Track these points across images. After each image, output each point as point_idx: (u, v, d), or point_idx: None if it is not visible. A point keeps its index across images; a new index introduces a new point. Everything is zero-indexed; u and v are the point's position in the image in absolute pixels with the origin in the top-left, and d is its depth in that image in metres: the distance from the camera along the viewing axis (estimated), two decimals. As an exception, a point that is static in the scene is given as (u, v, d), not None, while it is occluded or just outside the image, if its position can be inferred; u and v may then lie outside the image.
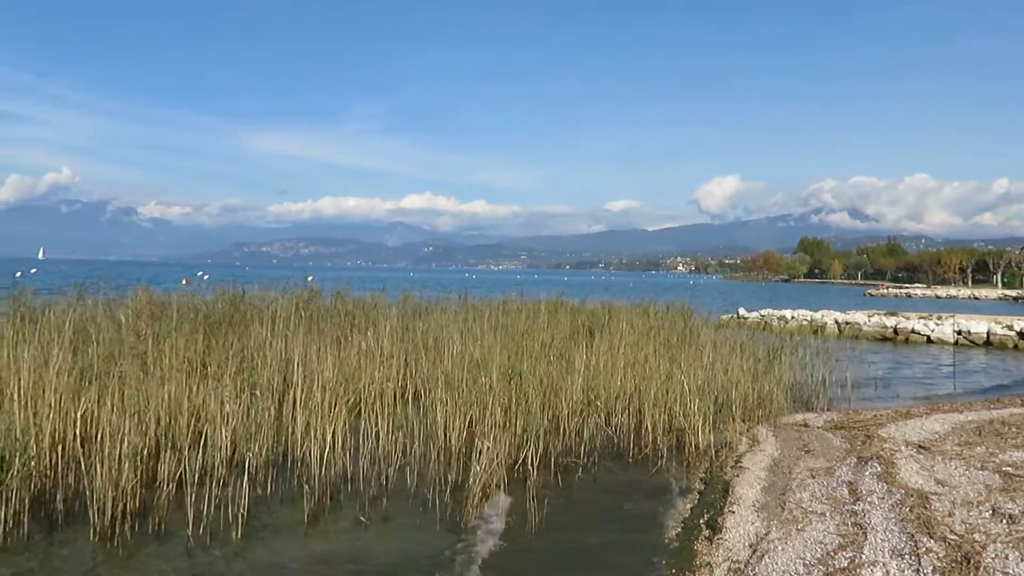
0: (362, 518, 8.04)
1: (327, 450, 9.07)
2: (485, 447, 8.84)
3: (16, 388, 9.04)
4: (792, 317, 36.09)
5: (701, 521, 8.16)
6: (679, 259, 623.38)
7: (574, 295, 26.15)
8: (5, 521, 7.10)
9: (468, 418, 10.48)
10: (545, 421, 10.18)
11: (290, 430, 9.94)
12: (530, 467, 9.42)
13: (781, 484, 9.21)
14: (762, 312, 37.98)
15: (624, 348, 14.30)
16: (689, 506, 8.80)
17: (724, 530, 7.69)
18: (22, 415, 8.34)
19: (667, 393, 12.00)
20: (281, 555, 7.11)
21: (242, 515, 7.59)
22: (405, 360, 13.59)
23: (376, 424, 10.04)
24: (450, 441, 10.13)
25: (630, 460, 10.74)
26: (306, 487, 8.31)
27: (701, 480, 9.89)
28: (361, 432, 9.97)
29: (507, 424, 10.18)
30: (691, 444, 11.09)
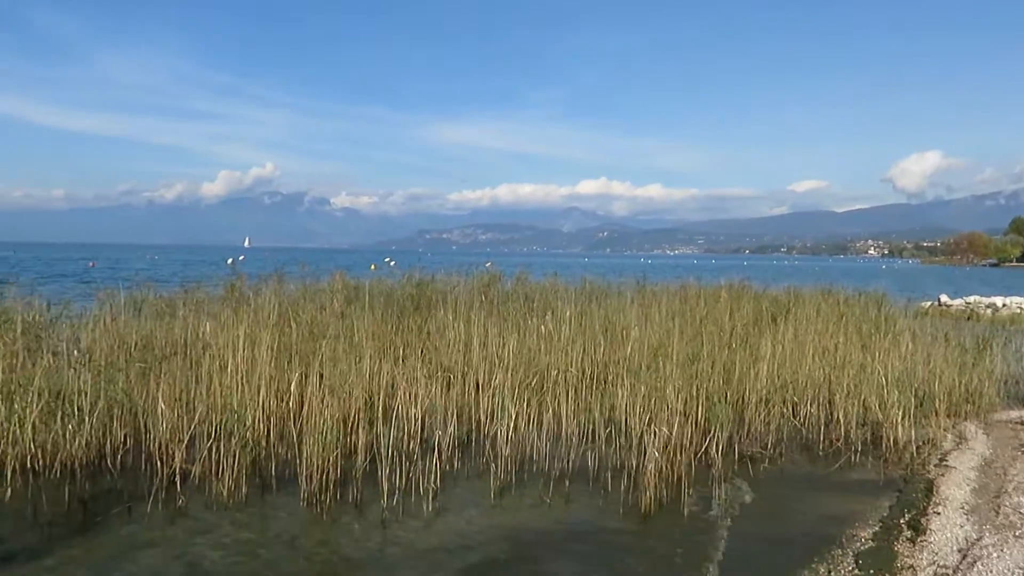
0: (545, 497, 8.21)
1: (511, 430, 9.31)
2: (666, 433, 8.75)
3: (233, 365, 9.98)
4: (1003, 305, 32.82)
5: (901, 521, 7.65)
6: (870, 242, 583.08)
7: (755, 280, 25.20)
8: (227, 484, 7.86)
9: (648, 404, 10.39)
10: (728, 409, 9.92)
11: (475, 410, 10.29)
12: (713, 456, 9.22)
13: (994, 486, 8.46)
14: (968, 299, 34.75)
15: (812, 336, 13.63)
16: (887, 504, 8.27)
17: (928, 532, 7.17)
18: (239, 389, 9.19)
19: (861, 384, 11.31)
20: (469, 529, 7.40)
21: (433, 489, 7.96)
22: (583, 345, 13.66)
23: (557, 407, 10.19)
24: (630, 426, 10.09)
25: (820, 453, 10.25)
26: (492, 465, 8.60)
27: (900, 477, 9.26)
28: (543, 414, 10.15)
29: (688, 411, 10.01)
30: (888, 439, 10.39)
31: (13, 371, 9.05)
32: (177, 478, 7.94)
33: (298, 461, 8.09)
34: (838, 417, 11.02)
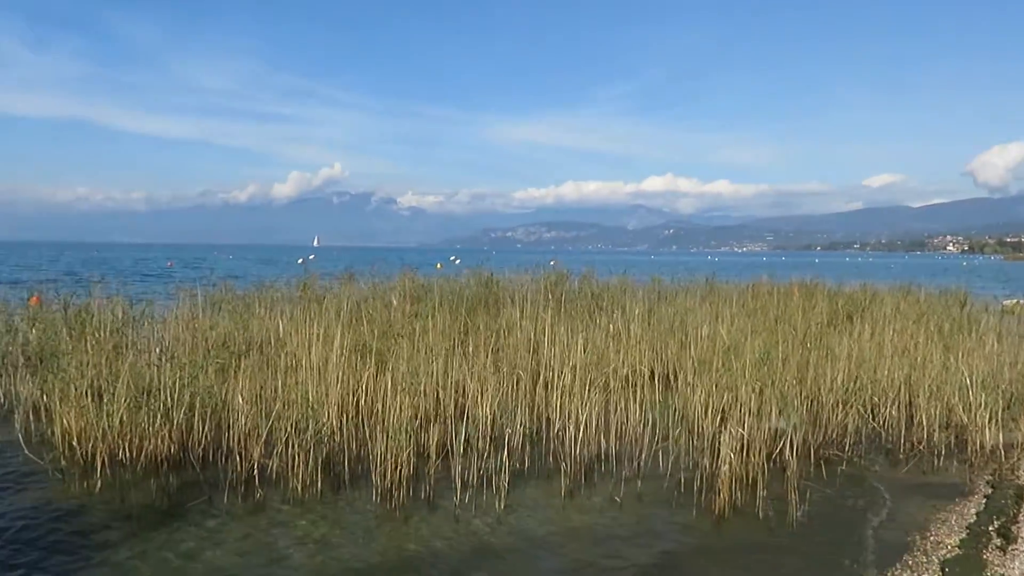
0: (616, 497, 8.15)
1: (581, 429, 9.27)
2: (739, 434, 8.59)
3: (307, 362, 10.19)
4: (1096, 303, 31.21)
5: (990, 528, 7.35)
6: (949, 238, 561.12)
7: (828, 278, 24.57)
8: (303, 479, 8.03)
9: (720, 404, 10.22)
10: (803, 410, 9.69)
11: (544, 408, 10.29)
12: (788, 457, 9.01)
13: (1090, 493, 8.06)
14: (1057, 297, 33.22)
15: (891, 335, 13.21)
16: (974, 511, 7.96)
17: (1020, 540, 6.88)
18: (313, 386, 9.38)
19: (943, 385, 10.90)
20: (540, 528, 7.39)
21: (504, 488, 7.99)
22: (652, 343, 13.53)
23: (628, 406, 10.11)
24: (702, 426, 9.94)
25: (900, 456, 9.92)
26: (562, 464, 8.59)
27: (987, 483, 8.90)
28: (613, 413, 10.08)
29: (761, 411, 9.80)
30: (974, 443, 10.00)
31: (101, 368, 9.43)
32: (255, 472, 8.16)
33: (371, 458, 8.21)
34: (920, 419, 10.64)
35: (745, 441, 8.65)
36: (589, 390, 9.92)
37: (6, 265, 68.47)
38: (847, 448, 9.84)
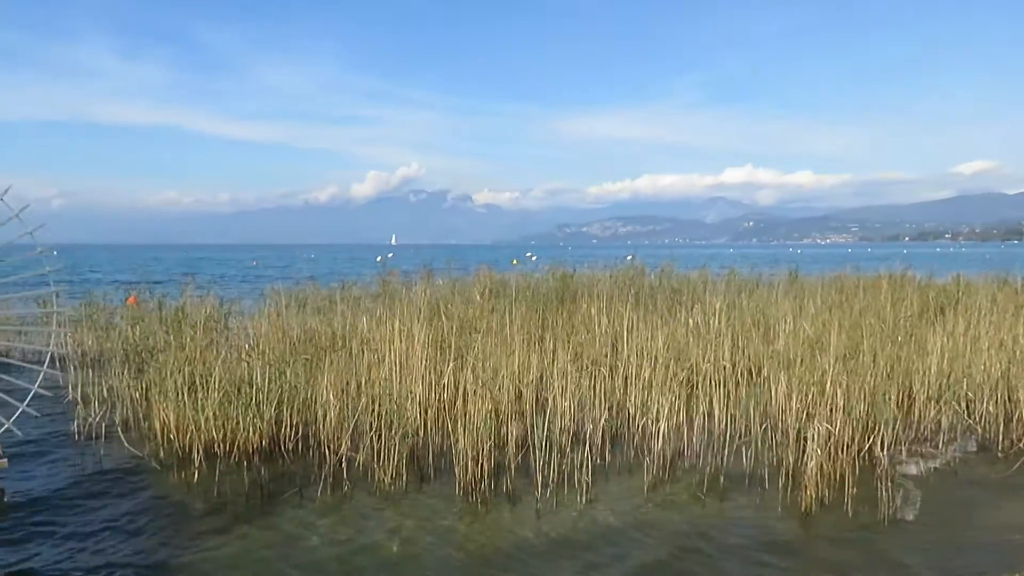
0: (699, 494, 8.06)
1: (662, 424, 9.20)
2: (825, 430, 8.37)
3: (390, 358, 10.40)
4: None
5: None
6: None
7: (918, 269, 23.65)
8: (388, 472, 8.21)
9: (805, 399, 9.98)
10: (893, 406, 9.38)
11: (624, 403, 10.25)
12: (878, 454, 8.75)
13: None
14: None
15: (988, 328, 12.64)
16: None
17: None
18: (396, 381, 9.57)
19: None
20: (622, 524, 7.36)
21: (585, 483, 8.00)
22: (734, 338, 13.29)
23: (709, 401, 9.98)
24: (787, 422, 9.73)
25: (999, 454, 9.50)
26: (644, 459, 8.54)
27: (1095, 483, 8.45)
28: (695, 408, 9.97)
29: (849, 407, 9.53)
30: (1081, 440, 9.51)
31: (195, 364, 9.83)
32: (343, 465, 8.38)
33: (453, 451, 8.33)
34: (1020, 416, 10.17)
35: (832, 437, 8.44)
36: (670, 385, 9.83)
37: (103, 268, 71.96)
38: (941, 445, 9.49)
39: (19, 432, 5.60)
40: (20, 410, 5.08)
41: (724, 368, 11.06)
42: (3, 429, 5.29)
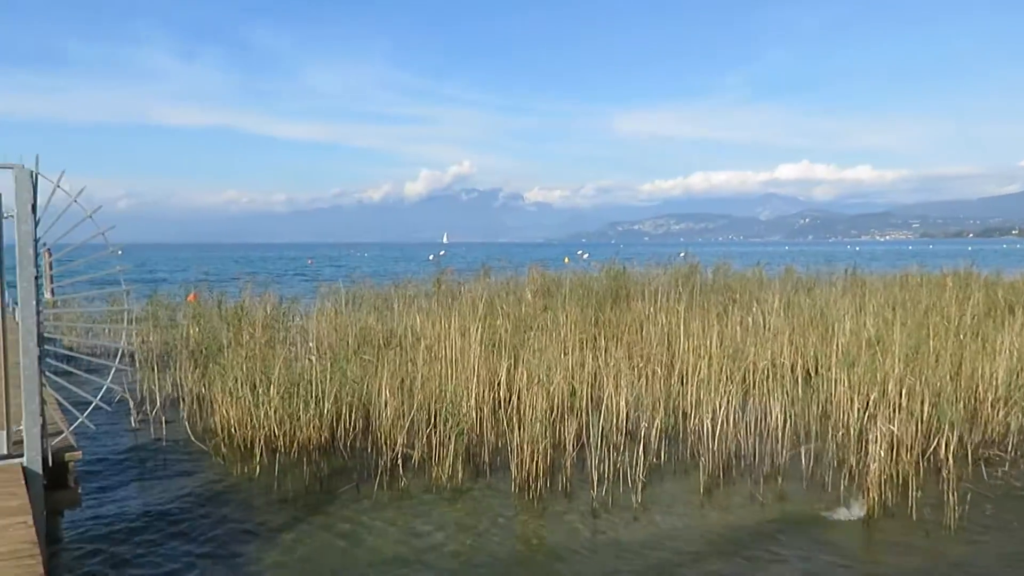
0: (757, 495, 7.96)
1: (719, 424, 9.11)
2: (888, 431, 8.19)
3: (445, 356, 10.50)
4: None
5: None
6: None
7: (984, 267, 22.96)
8: (444, 468, 8.29)
9: (867, 399, 9.77)
10: (960, 407, 9.13)
11: (680, 402, 10.17)
12: (944, 457, 8.53)
13: None
14: None
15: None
16: None
17: None
18: (451, 379, 9.65)
19: None
20: (678, 524, 7.31)
21: (641, 481, 7.97)
22: (791, 336, 13.09)
23: (766, 400, 9.85)
24: (847, 423, 9.55)
25: (1072, 459, 9.18)
26: (700, 459, 8.46)
27: None
28: (752, 408, 9.85)
29: (911, 408, 9.31)
30: None
31: (255, 360, 10.06)
32: (400, 461, 8.49)
33: (509, 448, 8.38)
34: (1094, 418, 9.80)
35: (895, 439, 8.25)
36: (726, 384, 9.73)
37: (165, 267, 73.97)
38: (1010, 449, 9.19)
39: (92, 425, 5.82)
40: (93, 404, 5.28)
41: (782, 367, 10.89)
42: (77, 422, 5.50)
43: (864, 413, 9.28)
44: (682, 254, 25.39)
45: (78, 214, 5.15)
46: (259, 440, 8.99)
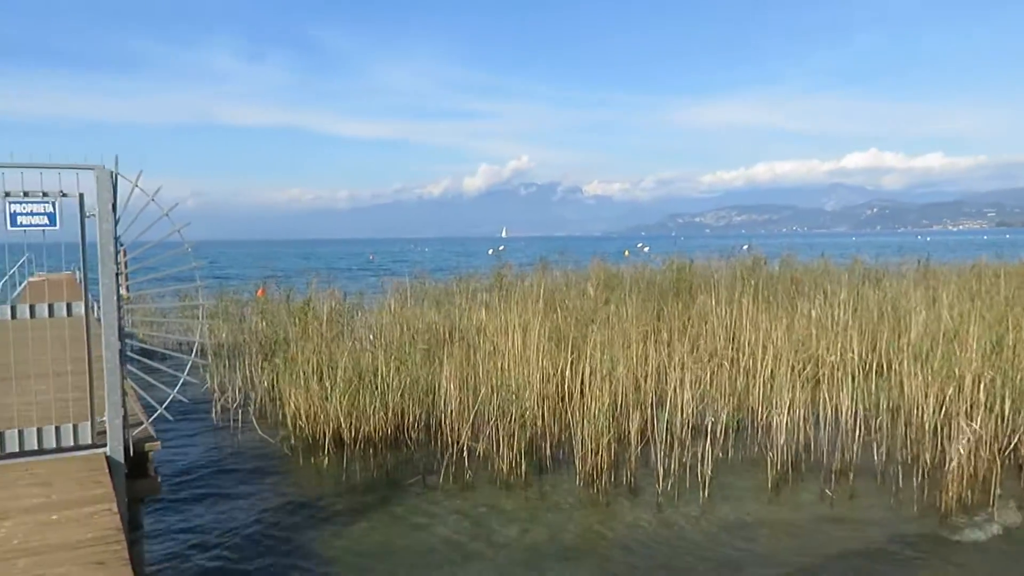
0: (827, 491, 7.79)
1: (787, 419, 8.93)
2: (967, 427, 7.92)
3: (507, 349, 10.53)
4: None
5: None
6: None
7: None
8: (508, 461, 8.33)
9: (942, 394, 9.46)
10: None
11: (746, 396, 10.01)
12: (1024, 455, 8.22)
13: None
14: None
15: None
16: None
17: None
18: (514, 372, 9.67)
19: None
20: (746, 520, 7.20)
21: (707, 476, 7.87)
22: (861, 329, 12.73)
23: (835, 395, 9.62)
24: (921, 418, 9.27)
25: None
26: (768, 455, 8.32)
27: None
28: (821, 402, 9.63)
29: (991, 403, 8.97)
30: None
31: (322, 354, 10.25)
32: (464, 453, 8.56)
33: (573, 442, 8.37)
34: None
35: (971, 434, 7.97)
36: (794, 378, 9.53)
37: (233, 263, 75.89)
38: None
39: (170, 417, 6.01)
40: (171, 396, 5.45)
41: (851, 361, 10.62)
42: (156, 414, 5.68)
43: (940, 408, 9.00)
44: (746, 246, 24.97)
45: (154, 213, 5.31)
46: (326, 432, 9.16)
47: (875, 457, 8.55)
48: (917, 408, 9.37)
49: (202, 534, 6.99)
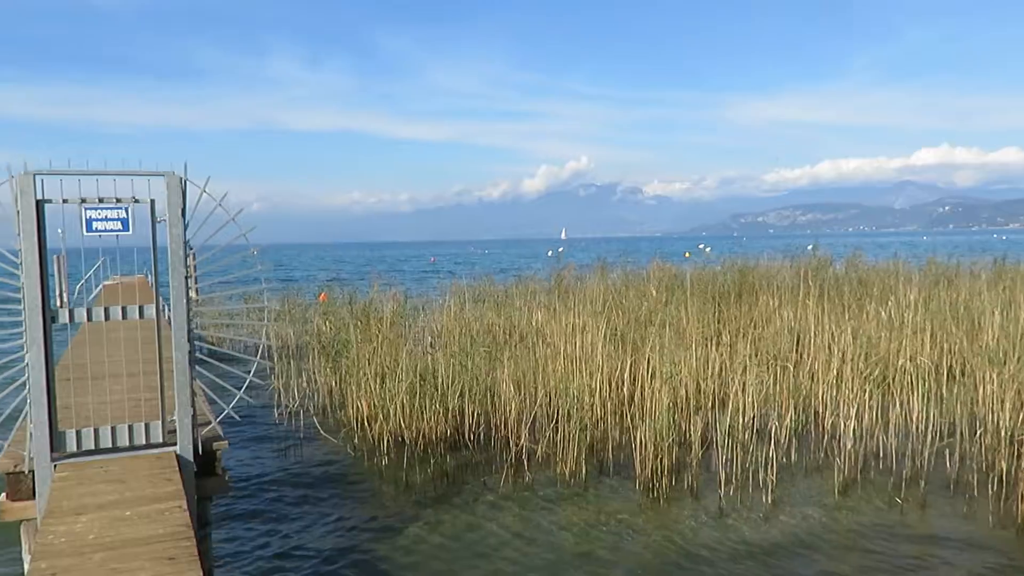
0: (897, 499, 7.56)
1: (854, 423, 8.70)
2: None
3: (566, 351, 10.51)
4: None
5: None
6: None
7: None
8: (569, 465, 8.31)
9: (1019, 401, 9.09)
10: None
11: (811, 400, 9.79)
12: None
13: None
14: None
15: None
16: None
17: None
18: (573, 375, 9.65)
19: None
20: (810, 528, 7.02)
21: (770, 481, 7.72)
22: (932, 332, 12.32)
23: (905, 399, 9.33)
24: (997, 424, 8.92)
25: None
26: (835, 460, 8.11)
27: None
28: (890, 407, 9.36)
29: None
30: None
31: (383, 356, 10.39)
32: (524, 456, 8.57)
33: (633, 445, 8.30)
34: None
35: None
36: (862, 382, 9.28)
37: (296, 266, 77.49)
38: None
39: (237, 416, 6.16)
40: (238, 397, 5.59)
41: (923, 365, 10.29)
42: (224, 413, 5.84)
43: (1017, 414, 8.65)
44: (810, 246, 24.41)
45: (221, 217, 5.46)
46: (387, 433, 9.28)
47: (948, 465, 8.25)
48: (992, 414, 9.02)
49: (267, 531, 7.16)
